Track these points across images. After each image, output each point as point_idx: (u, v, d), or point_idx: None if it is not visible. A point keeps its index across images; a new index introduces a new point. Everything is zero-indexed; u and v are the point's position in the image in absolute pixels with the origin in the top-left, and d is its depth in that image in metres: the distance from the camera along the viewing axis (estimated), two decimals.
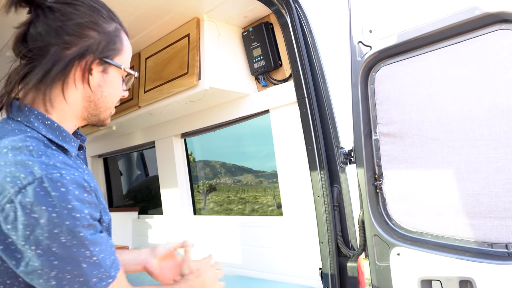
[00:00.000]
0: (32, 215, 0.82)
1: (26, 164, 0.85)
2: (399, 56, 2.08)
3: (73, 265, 0.86)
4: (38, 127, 0.97)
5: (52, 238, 0.83)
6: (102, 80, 1.06)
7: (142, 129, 3.99)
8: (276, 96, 2.68)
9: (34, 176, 0.84)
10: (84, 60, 1.02)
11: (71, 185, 0.86)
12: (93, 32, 1.02)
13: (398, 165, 2.10)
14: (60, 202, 0.84)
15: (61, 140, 0.99)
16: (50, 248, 0.83)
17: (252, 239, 2.97)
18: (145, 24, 2.81)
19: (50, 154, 0.91)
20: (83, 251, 0.87)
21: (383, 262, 2.12)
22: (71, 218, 0.84)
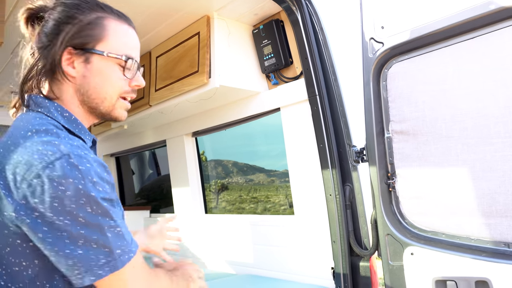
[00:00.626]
0: (60, 187, 0.87)
1: (52, 143, 0.92)
2: (411, 52, 2.04)
3: (99, 234, 0.90)
4: (58, 117, 1.04)
5: (79, 208, 0.88)
6: (86, 71, 1.07)
7: (153, 128, 4.00)
8: (287, 94, 2.66)
9: (62, 153, 0.90)
10: (64, 54, 1.06)
11: (94, 163, 0.93)
12: (67, 26, 1.06)
13: (411, 163, 2.07)
14: (86, 175, 0.90)
15: (78, 131, 1.06)
16: (77, 217, 0.88)
17: (264, 238, 2.95)
18: (156, 23, 2.81)
19: (72, 138, 0.98)
20: (107, 220, 0.91)
21: (396, 261, 2.09)
22: (96, 190, 0.90)
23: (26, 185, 0.88)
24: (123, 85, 1.11)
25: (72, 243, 0.88)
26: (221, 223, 3.34)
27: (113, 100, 1.10)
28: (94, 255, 0.89)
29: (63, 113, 1.05)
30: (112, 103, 1.10)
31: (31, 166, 0.88)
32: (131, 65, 1.11)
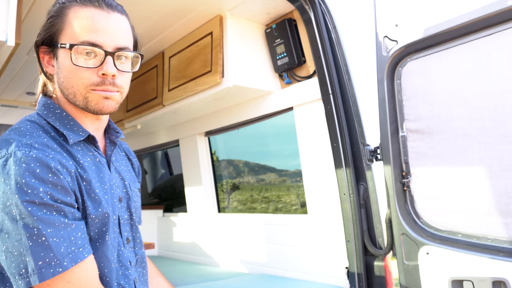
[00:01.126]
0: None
1: (8, 142, 0.92)
2: (427, 50, 2.02)
3: (19, 240, 0.85)
4: (47, 114, 1.03)
5: (5, 210, 0.86)
6: (57, 67, 1.04)
7: (166, 127, 4.02)
8: (300, 93, 2.65)
9: (7, 152, 0.90)
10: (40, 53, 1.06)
11: (33, 163, 0.88)
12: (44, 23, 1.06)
13: (426, 162, 2.05)
14: (16, 176, 0.86)
15: (68, 128, 1.02)
16: (4, 220, 0.86)
17: (277, 237, 2.95)
18: (169, 23, 2.82)
19: (36, 136, 0.95)
20: (31, 227, 0.85)
21: (412, 261, 2.07)
22: (22, 192, 0.85)
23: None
24: (90, 76, 0.99)
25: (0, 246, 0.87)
26: (234, 222, 3.35)
27: (82, 93, 1.00)
28: (15, 262, 0.85)
29: (55, 110, 1.04)
30: (82, 95, 1.00)
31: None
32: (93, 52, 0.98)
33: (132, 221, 1.12)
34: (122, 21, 1.03)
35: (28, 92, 4.27)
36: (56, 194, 0.88)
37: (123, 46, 1.01)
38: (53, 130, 1.00)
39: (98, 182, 1.01)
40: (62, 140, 1.00)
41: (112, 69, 0.98)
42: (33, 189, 0.86)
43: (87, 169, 1.00)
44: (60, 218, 0.88)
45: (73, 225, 0.90)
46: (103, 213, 0.99)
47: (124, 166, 1.18)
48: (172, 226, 4.13)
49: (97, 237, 0.98)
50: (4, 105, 4.60)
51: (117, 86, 1.01)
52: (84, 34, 0.97)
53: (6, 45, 1.91)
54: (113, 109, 1.03)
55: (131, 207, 1.12)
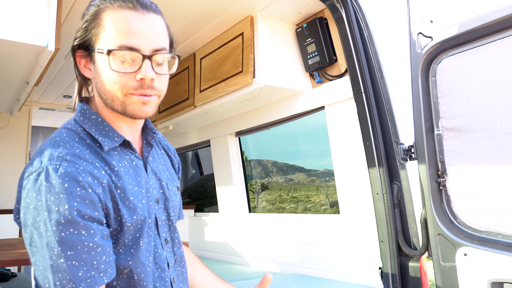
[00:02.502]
0: (27, 200, 0.89)
1: (43, 154, 0.92)
2: (463, 46, 1.98)
3: (43, 257, 0.86)
4: (84, 120, 1.02)
5: (34, 225, 0.87)
6: (94, 71, 1.02)
7: (197, 128, 4.07)
8: (332, 92, 2.64)
9: (40, 166, 0.90)
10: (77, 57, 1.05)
11: (62, 178, 0.87)
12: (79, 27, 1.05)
13: (463, 161, 2.00)
14: (46, 193, 0.86)
15: (103, 134, 1.01)
16: (33, 234, 0.87)
17: (309, 237, 2.94)
18: (200, 25, 2.86)
19: (70, 146, 0.94)
20: (52, 246, 0.85)
21: (448, 262, 2.03)
22: (50, 210, 0.85)
23: (18, 191, 0.94)
24: (127, 80, 0.96)
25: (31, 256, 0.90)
26: (265, 222, 3.36)
27: (120, 98, 0.98)
28: (42, 276, 0.87)
29: (90, 115, 1.03)
30: (120, 100, 0.98)
31: (23, 174, 0.94)
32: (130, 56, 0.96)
33: (170, 221, 1.11)
34: (158, 21, 1.01)
35: (65, 95, 4.42)
36: (84, 209, 0.88)
37: (160, 48, 0.99)
38: (88, 137, 1.00)
39: (136, 187, 1.01)
40: (98, 146, 0.99)
41: (150, 73, 0.96)
42: (60, 206, 0.85)
43: (122, 176, 0.99)
44: (86, 240, 0.87)
45: (98, 248, 0.89)
46: (138, 219, 0.99)
47: (162, 165, 1.17)
48: (203, 225, 4.18)
49: (131, 244, 0.98)
50: (42, 108, 4.76)
51: (155, 89, 0.99)
52: (120, 38, 0.95)
53: (47, 50, 1.98)
54: (151, 113, 1.01)
55: (168, 207, 1.11)
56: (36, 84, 2.47)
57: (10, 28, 1.87)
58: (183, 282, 1.12)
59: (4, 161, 4.47)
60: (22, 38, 1.90)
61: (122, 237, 0.96)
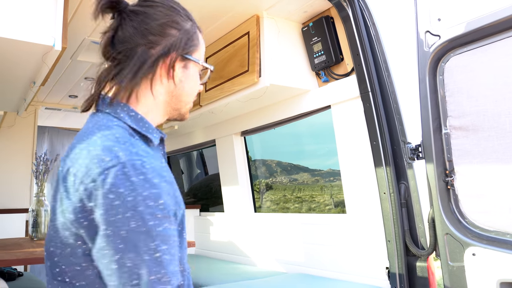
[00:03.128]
0: (109, 196, 0.85)
1: (112, 149, 0.90)
2: (471, 44, 1.96)
3: (136, 253, 0.85)
4: (124, 117, 1.03)
5: (123, 221, 0.84)
6: (184, 75, 1.10)
7: (203, 128, 4.07)
8: (338, 91, 2.63)
9: (118, 160, 0.88)
10: (168, 57, 1.07)
11: (150, 173, 0.88)
12: (174, 31, 1.07)
13: (471, 160, 1.98)
14: (137, 188, 0.85)
15: (144, 130, 1.04)
16: (120, 230, 0.84)
17: (315, 236, 2.93)
18: (206, 24, 2.86)
19: (134, 142, 0.94)
20: (149, 241, 0.85)
21: (457, 262, 2.01)
22: (145, 205, 0.85)
23: (83, 188, 0.88)
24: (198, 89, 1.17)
25: (111, 255, 0.85)
26: (271, 221, 3.35)
27: (191, 104, 1.16)
28: (127, 273, 0.85)
29: (129, 112, 1.04)
30: (191, 106, 1.16)
31: (89, 170, 0.88)
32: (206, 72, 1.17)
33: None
34: None
35: (71, 95, 4.43)
36: (171, 203, 0.91)
37: None
38: (136, 134, 1.02)
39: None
40: (144, 142, 1.02)
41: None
42: (155, 201, 0.86)
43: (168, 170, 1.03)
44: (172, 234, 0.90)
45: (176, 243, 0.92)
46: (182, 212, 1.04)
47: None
48: (209, 225, 4.18)
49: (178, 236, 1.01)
50: (48, 108, 4.77)
51: None
52: (203, 57, 1.16)
53: (54, 50, 1.98)
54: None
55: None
56: (42, 84, 2.48)
57: (17, 27, 1.87)
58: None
59: (11, 161, 4.49)
60: (29, 38, 1.90)
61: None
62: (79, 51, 3.10)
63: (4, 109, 3.46)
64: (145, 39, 1.05)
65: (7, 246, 2.37)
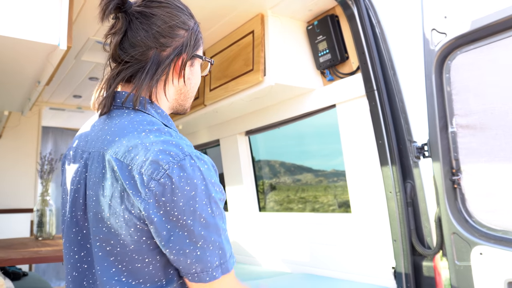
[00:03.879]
0: (186, 187, 0.89)
1: (172, 143, 0.93)
2: (478, 42, 1.95)
3: (216, 235, 0.92)
4: (154, 114, 1.06)
5: (201, 208, 0.90)
6: (191, 73, 1.14)
7: (207, 127, 4.07)
8: (343, 90, 2.62)
9: (184, 153, 0.91)
10: (180, 58, 1.09)
11: (208, 163, 0.95)
12: (182, 31, 1.09)
13: (478, 159, 1.97)
14: (206, 176, 0.92)
15: (171, 124, 1.08)
16: (200, 218, 0.89)
17: (320, 236, 2.92)
18: (210, 23, 2.85)
19: (179, 135, 1.01)
20: (221, 222, 0.94)
21: (463, 261, 2.00)
22: (215, 191, 0.93)
23: (154, 184, 0.88)
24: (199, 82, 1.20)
25: (192, 243, 0.90)
26: (276, 221, 3.34)
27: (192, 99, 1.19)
28: (210, 256, 0.92)
29: (156, 109, 1.07)
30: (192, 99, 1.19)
31: (158, 166, 0.89)
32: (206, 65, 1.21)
33: None
34: None
35: (75, 95, 4.43)
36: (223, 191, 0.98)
37: None
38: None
39: None
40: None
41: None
42: (219, 187, 0.95)
43: None
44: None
45: None
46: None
47: None
48: None
49: None
50: (52, 108, 4.79)
51: None
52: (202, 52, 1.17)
53: (59, 49, 1.98)
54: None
55: None
56: (47, 83, 2.48)
57: (23, 27, 1.87)
58: None
59: (15, 161, 4.50)
60: (34, 37, 1.90)
61: None
62: (83, 51, 3.10)
63: (9, 109, 3.47)
64: (156, 42, 1.05)
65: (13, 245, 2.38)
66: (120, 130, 0.99)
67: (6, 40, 1.90)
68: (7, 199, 4.39)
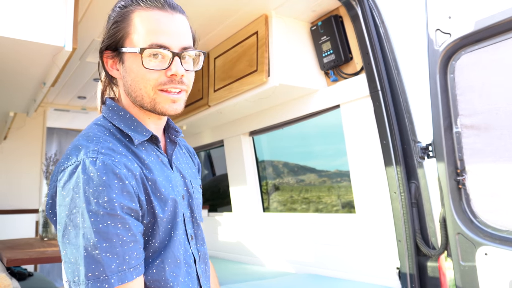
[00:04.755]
0: (63, 192, 0.90)
1: (77, 148, 0.94)
2: (482, 42, 1.95)
3: (77, 248, 0.86)
4: (112, 117, 1.05)
5: (70, 217, 0.88)
6: (123, 71, 1.04)
7: (211, 128, 4.07)
8: (347, 90, 2.62)
9: (76, 159, 0.91)
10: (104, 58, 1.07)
11: (100, 171, 0.89)
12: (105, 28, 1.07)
13: (483, 159, 1.97)
14: (84, 185, 0.87)
15: (132, 129, 1.03)
16: (68, 226, 0.88)
17: (324, 236, 2.92)
18: (214, 24, 2.86)
19: (103, 140, 0.96)
20: (89, 237, 0.85)
21: (468, 262, 1.99)
22: (88, 202, 0.86)
23: (52, 185, 0.96)
24: (158, 77, 0.99)
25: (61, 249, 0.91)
26: (280, 221, 3.34)
27: (150, 95, 1.00)
28: (71, 269, 0.87)
29: (119, 112, 1.05)
30: (150, 97, 1.01)
31: (58, 168, 0.95)
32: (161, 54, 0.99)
33: (194, 218, 1.12)
34: (184, 21, 1.05)
35: (79, 96, 4.45)
36: (122, 200, 0.89)
37: (188, 46, 1.03)
38: (118, 132, 1.02)
39: (164, 181, 1.02)
40: (127, 141, 1.02)
41: (181, 70, 1.00)
42: (99, 198, 0.86)
43: (152, 169, 1.01)
44: (121, 233, 0.88)
45: (131, 243, 0.89)
46: (170, 211, 1.01)
47: (185, 163, 1.19)
48: (217, 225, 4.18)
49: (164, 236, 1.00)
50: (57, 109, 4.81)
51: (185, 84, 1.03)
52: (152, 37, 0.99)
53: (64, 50, 1.99)
54: (180, 110, 1.04)
55: (192, 204, 1.12)
56: (52, 85, 2.49)
57: (28, 28, 1.88)
58: (207, 279, 1.12)
59: (21, 162, 4.52)
60: (40, 38, 1.92)
61: (157, 229, 0.98)
62: (88, 52, 3.11)
63: (15, 110, 3.48)
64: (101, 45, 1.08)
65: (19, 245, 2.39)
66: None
67: (12, 42, 1.92)
68: (13, 200, 4.41)
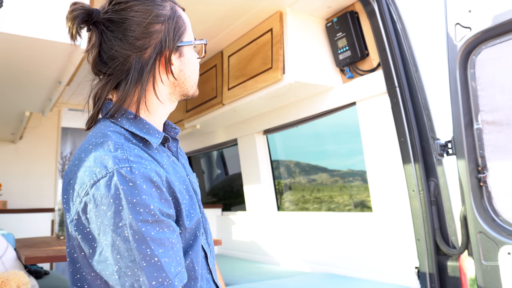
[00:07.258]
0: (102, 207, 0.85)
1: (102, 159, 0.89)
2: (504, 36, 1.90)
3: (133, 261, 0.85)
4: (122, 121, 0.99)
5: (117, 231, 0.85)
6: (182, 64, 1.06)
7: (224, 126, 4.06)
8: (363, 87, 2.58)
9: (107, 171, 0.87)
10: (162, 55, 1.02)
11: (139, 179, 0.87)
12: (158, 26, 1.01)
13: (505, 156, 1.92)
14: (127, 196, 0.85)
15: (144, 132, 1.00)
16: (115, 241, 0.85)
17: (340, 235, 2.89)
18: (228, 22, 2.84)
19: (127, 147, 0.92)
20: (144, 248, 0.84)
21: (491, 261, 1.95)
22: (135, 212, 0.84)
23: (78, 201, 0.89)
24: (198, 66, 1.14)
25: (111, 265, 0.86)
26: (295, 220, 3.32)
27: (197, 82, 1.12)
28: (129, 282, 0.85)
29: (128, 115, 1.00)
30: (196, 84, 1.12)
31: (83, 183, 0.89)
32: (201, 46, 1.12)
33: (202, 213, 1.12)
34: None
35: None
36: (163, 208, 0.89)
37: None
38: (132, 137, 0.98)
39: (177, 181, 1.01)
40: (142, 145, 0.98)
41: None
42: (145, 207, 0.85)
43: (170, 172, 0.99)
44: (169, 237, 0.89)
45: (177, 244, 0.91)
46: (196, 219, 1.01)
47: (184, 160, 1.19)
48: (231, 224, 4.17)
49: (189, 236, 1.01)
50: (71, 109, 4.84)
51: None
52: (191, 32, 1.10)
53: (80, 49, 1.99)
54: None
55: (198, 200, 1.12)
56: (68, 84, 2.50)
57: (44, 27, 1.89)
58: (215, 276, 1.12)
59: (36, 161, 4.57)
60: (56, 37, 1.91)
61: (184, 231, 0.98)
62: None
63: (30, 109, 3.51)
64: (134, 48, 0.99)
65: (37, 244, 2.40)
66: (82, 144, 0.99)
67: (28, 40, 1.92)
68: (28, 199, 4.45)
